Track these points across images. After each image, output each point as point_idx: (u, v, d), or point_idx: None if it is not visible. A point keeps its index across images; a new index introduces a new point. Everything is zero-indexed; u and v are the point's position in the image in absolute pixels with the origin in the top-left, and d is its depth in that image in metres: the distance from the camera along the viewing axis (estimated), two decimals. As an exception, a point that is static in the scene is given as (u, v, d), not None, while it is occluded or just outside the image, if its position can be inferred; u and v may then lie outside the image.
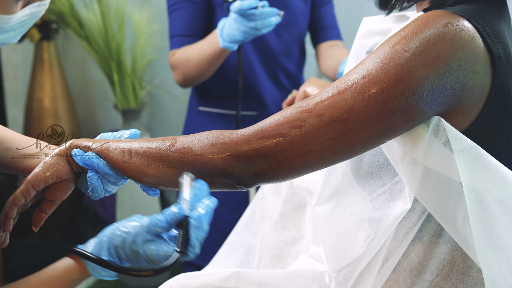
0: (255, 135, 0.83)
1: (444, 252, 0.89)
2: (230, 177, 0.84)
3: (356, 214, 0.95)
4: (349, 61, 1.03)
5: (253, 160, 0.83)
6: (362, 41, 1.01)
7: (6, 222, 0.87)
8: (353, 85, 0.81)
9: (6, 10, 0.70)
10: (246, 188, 0.86)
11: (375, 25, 1.01)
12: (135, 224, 0.81)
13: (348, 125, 0.80)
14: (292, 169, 0.83)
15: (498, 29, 0.86)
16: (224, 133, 0.86)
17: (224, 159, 0.83)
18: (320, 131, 0.80)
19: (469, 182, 0.79)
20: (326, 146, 0.81)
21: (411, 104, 0.79)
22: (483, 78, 0.82)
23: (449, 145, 0.81)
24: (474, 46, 0.81)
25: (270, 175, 0.83)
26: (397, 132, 0.82)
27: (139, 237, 0.80)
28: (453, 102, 0.82)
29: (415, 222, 0.89)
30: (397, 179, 0.91)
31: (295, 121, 0.81)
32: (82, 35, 2.55)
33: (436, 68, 0.79)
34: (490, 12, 0.87)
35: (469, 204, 0.79)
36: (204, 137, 0.85)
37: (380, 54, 0.81)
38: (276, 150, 0.82)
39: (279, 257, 1.24)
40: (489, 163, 0.81)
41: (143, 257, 0.80)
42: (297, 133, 0.81)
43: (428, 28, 0.81)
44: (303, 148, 0.81)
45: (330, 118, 0.80)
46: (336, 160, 0.83)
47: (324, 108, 0.81)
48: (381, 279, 0.92)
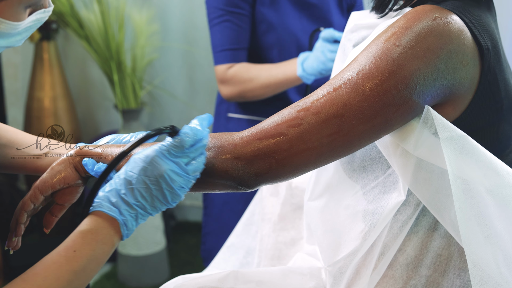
0: (254, 136, 0.84)
1: (440, 246, 0.90)
2: (231, 179, 0.85)
3: (350, 207, 0.96)
4: (337, 54, 1.06)
5: (253, 161, 0.84)
6: (349, 34, 1.04)
7: (17, 227, 0.89)
8: (348, 82, 0.82)
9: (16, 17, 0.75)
10: (248, 189, 0.87)
11: (362, 19, 1.04)
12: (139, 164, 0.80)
13: (344, 120, 0.81)
14: (293, 167, 0.84)
15: (485, 22, 0.88)
16: (223, 136, 0.87)
17: (224, 161, 0.84)
18: (318, 128, 0.82)
19: (456, 170, 0.80)
20: (324, 142, 0.82)
21: (404, 97, 0.81)
22: (472, 69, 0.84)
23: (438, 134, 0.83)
24: (463, 38, 0.83)
25: (271, 175, 0.84)
26: (392, 126, 0.83)
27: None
28: (445, 94, 0.84)
29: (410, 215, 0.90)
30: (390, 171, 0.92)
31: (293, 120, 0.83)
32: (82, 35, 2.55)
33: (427, 61, 0.81)
34: (477, 6, 0.90)
35: (454, 192, 0.80)
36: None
37: (372, 50, 0.83)
38: (275, 150, 0.83)
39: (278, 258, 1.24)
40: (479, 152, 0.82)
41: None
42: (296, 131, 0.82)
43: (418, 23, 0.83)
44: (302, 146, 0.82)
45: (327, 115, 0.82)
46: (335, 156, 0.85)
47: (320, 106, 0.82)
48: (378, 274, 0.92)
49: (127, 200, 0.78)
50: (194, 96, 2.98)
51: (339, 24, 1.79)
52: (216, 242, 1.83)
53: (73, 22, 2.54)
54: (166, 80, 2.95)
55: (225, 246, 1.35)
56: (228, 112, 1.84)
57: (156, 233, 2.55)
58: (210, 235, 1.87)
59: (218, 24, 1.70)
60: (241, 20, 1.69)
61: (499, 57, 0.88)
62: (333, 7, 1.78)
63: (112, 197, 0.78)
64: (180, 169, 0.80)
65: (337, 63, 1.06)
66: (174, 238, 2.93)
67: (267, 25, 1.71)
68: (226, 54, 1.70)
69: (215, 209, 1.85)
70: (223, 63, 1.71)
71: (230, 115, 1.84)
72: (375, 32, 0.95)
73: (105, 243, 0.76)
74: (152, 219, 2.52)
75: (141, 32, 2.57)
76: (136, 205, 0.79)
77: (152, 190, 0.79)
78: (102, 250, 0.76)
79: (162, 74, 2.94)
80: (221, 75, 1.72)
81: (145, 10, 2.62)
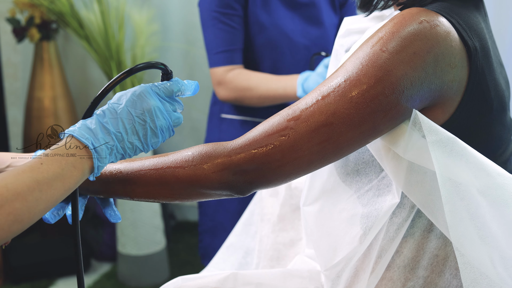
0: (247, 147, 0.86)
1: (436, 247, 0.90)
2: (227, 189, 0.87)
3: (345, 211, 0.96)
4: (331, 60, 1.06)
5: (247, 171, 0.85)
6: (341, 40, 1.05)
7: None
8: (336, 89, 0.83)
9: None
10: (242, 196, 0.89)
11: (353, 24, 1.04)
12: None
13: (333, 128, 0.82)
14: (285, 175, 0.86)
15: (474, 23, 0.88)
16: (217, 148, 0.87)
17: (220, 174, 0.86)
18: (308, 137, 0.83)
19: (445, 172, 0.80)
20: (315, 150, 0.83)
21: (392, 103, 0.81)
22: (461, 71, 0.84)
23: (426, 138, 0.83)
24: (450, 41, 0.83)
25: (264, 182, 0.87)
26: (381, 131, 0.84)
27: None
28: (434, 97, 0.84)
29: (405, 217, 0.90)
30: (384, 174, 0.92)
31: (283, 130, 0.84)
32: (82, 35, 2.55)
33: (414, 65, 0.81)
34: (465, 6, 0.90)
35: (444, 194, 0.80)
36: (197, 154, 0.87)
37: (359, 56, 0.84)
38: (268, 160, 0.84)
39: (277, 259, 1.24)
40: (468, 154, 0.82)
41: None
42: (287, 141, 0.84)
43: (404, 27, 0.83)
44: (293, 155, 0.84)
45: (316, 124, 0.83)
46: (326, 162, 0.86)
47: (309, 114, 0.83)
48: (376, 276, 0.93)
49: (108, 127, 0.78)
50: (194, 96, 2.98)
51: (330, 23, 1.80)
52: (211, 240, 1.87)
53: (73, 22, 2.54)
54: (166, 80, 2.95)
55: (224, 246, 1.35)
56: (221, 113, 1.86)
57: (156, 233, 2.55)
58: (206, 233, 1.90)
59: (212, 26, 1.71)
60: (234, 21, 1.70)
61: (489, 57, 0.88)
62: (324, 5, 1.79)
63: (92, 124, 0.78)
64: (165, 111, 0.82)
65: (331, 69, 1.06)
66: (174, 238, 2.93)
67: (260, 26, 1.72)
68: (222, 56, 1.71)
69: (209, 208, 1.87)
70: (220, 65, 1.72)
71: (223, 116, 1.85)
72: (364, 36, 0.95)
73: (75, 167, 0.75)
74: (152, 219, 2.52)
75: (141, 32, 2.57)
76: (114, 134, 0.78)
77: (135, 122, 0.80)
78: (71, 173, 0.74)
79: (162, 74, 2.94)
80: (219, 77, 1.72)
81: (145, 10, 2.62)
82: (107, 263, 2.73)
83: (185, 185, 0.87)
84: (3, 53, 2.97)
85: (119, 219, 0.93)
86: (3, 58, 2.97)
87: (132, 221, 2.49)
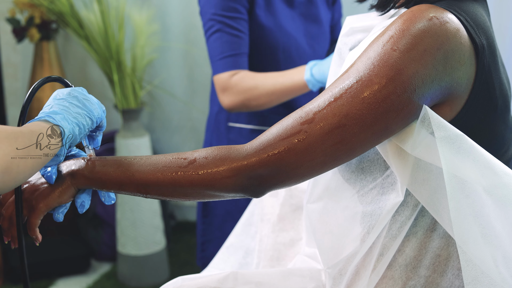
0: (262, 152, 0.86)
1: (438, 247, 0.90)
2: (241, 192, 0.89)
3: (348, 209, 0.96)
4: (333, 59, 1.06)
5: (262, 175, 0.87)
6: (345, 38, 1.05)
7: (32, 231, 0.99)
8: (348, 90, 0.83)
9: None
10: (256, 197, 0.90)
11: (357, 22, 1.04)
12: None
13: (346, 130, 0.83)
14: (299, 177, 0.87)
15: (481, 21, 0.88)
16: (232, 153, 0.88)
17: (235, 179, 0.87)
18: (322, 139, 0.84)
19: (451, 169, 0.81)
20: (328, 152, 0.84)
21: (404, 102, 0.81)
22: (469, 68, 0.84)
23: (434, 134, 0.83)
24: (459, 37, 0.83)
25: (278, 184, 0.88)
26: (393, 131, 0.84)
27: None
28: (444, 94, 0.84)
29: (408, 216, 0.90)
30: (388, 172, 0.92)
31: (297, 134, 0.85)
32: (82, 35, 2.55)
33: (425, 63, 0.81)
34: (471, 4, 0.90)
35: (449, 190, 0.80)
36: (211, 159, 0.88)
37: (370, 56, 0.84)
38: (283, 164, 0.85)
39: (277, 259, 1.23)
40: (476, 152, 0.82)
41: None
42: (301, 145, 0.84)
43: (414, 24, 0.83)
44: (307, 158, 0.85)
45: (330, 126, 0.83)
46: (338, 163, 0.87)
47: (322, 117, 0.84)
48: (377, 275, 0.93)
49: (61, 104, 0.90)
50: (193, 96, 2.98)
51: (327, 19, 1.79)
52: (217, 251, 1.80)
53: (73, 22, 2.54)
54: (166, 80, 2.95)
55: (224, 246, 1.35)
56: (228, 121, 1.78)
57: (156, 233, 2.55)
58: (211, 242, 1.83)
59: (216, 31, 1.63)
60: (239, 24, 1.63)
61: (495, 56, 0.88)
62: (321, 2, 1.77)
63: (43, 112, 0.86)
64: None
65: (333, 67, 1.06)
66: (174, 238, 2.93)
67: (265, 28, 1.67)
68: (227, 61, 1.62)
69: (217, 218, 1.81)
70: (225, 71, 1.62)
71: (231, 124, 1.78)
72: (371, 35, 0.95)
73: (51, 137, 0.84)
74: (152, 219, 2.52)
75: (141, 32, 2.57)
76: (68, 101, 0.91)
77: (78, 98, 0.93)
78: (48, 141, 0.83)
79: (162, 74, 2.94)
80: (223, 83, 1.62)
81: (145, 10, 2.62)
82: (107, 263, 2.73)
83: (199, 189, 0.88)
84: (3, 53, 2.98)
85: (113, 200, 0.95)
86: (3, 58, 2.97)
87: (132, 221, 2.49)
